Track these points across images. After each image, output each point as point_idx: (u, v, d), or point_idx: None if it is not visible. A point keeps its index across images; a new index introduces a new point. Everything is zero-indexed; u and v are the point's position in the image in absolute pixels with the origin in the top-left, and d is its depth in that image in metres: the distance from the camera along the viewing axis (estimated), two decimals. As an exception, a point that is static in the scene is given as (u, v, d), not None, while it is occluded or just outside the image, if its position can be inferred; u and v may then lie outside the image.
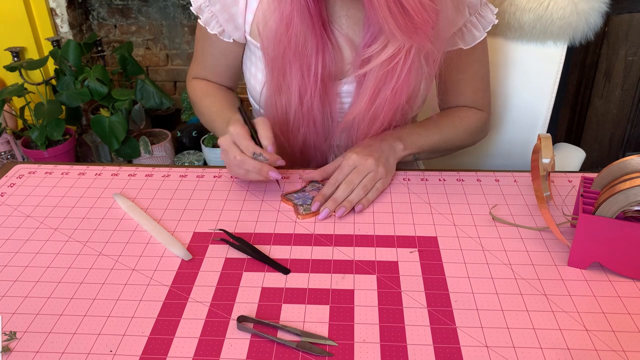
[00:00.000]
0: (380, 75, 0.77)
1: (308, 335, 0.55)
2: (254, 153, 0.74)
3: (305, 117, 0.85)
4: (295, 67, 0.80)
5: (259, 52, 0.86)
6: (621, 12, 1.87)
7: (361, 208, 0.75)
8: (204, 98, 0.94)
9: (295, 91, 0.82)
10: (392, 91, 0.78)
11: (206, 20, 0.87)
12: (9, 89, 1.88)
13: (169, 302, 0.60)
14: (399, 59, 0.75)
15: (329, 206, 0.75)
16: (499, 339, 0.55)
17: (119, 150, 1.97)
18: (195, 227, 0.73)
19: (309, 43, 0.78)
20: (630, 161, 0.65)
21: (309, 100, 0.82)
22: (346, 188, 0.76)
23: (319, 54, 0.79)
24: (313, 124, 0.86)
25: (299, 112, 0.84)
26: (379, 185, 0.78)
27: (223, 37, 0.88)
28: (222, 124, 0.86)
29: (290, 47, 0.78)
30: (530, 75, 1.09)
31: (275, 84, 0.83)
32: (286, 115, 0.85)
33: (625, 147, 2.16)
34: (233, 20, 0.86)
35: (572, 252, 0.65)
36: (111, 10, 2.28)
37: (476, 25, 0.87)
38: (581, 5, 0.99)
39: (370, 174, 0.78)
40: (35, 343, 0.55)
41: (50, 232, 0.72)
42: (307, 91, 0.81)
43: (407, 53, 0.74)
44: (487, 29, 0.87)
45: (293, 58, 0.79)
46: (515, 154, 1.15)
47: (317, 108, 0.83)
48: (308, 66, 0.80)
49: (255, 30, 0.85)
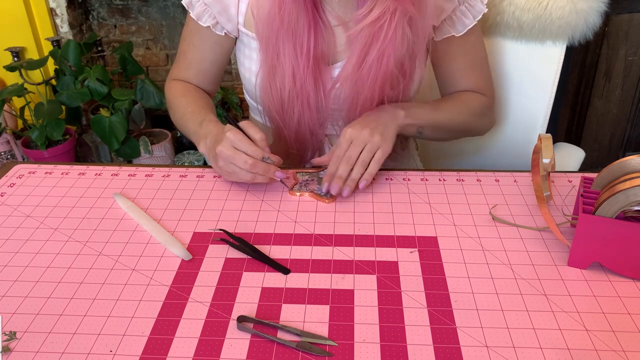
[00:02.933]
0: (367, 35, 0.79)
1: (308, 335, 0.55)
2: (263, 157, 0.75)
3: (299, 96, 0.85)
4: (288, 46, 0.82)
5: (253, 42, 0.88)
6: (621, 12, 1.87)
7: (365, 184, 0.77)
8: (179, 97, 0.93)
9: (289, 70, 0.83)
10: (378, 52, 0.80)
11: (198, 14, 0.88)
12: (9, 89, 1.88)
13: (169, 302, 0.60)
14: (384, 20, 0.78)
15: (337, 183, 0.76)
16: (499, 339, 0.55)
17: (119, 150, 1.97)
18: (195, 227, 0.73)
19: (300, 21, 0.80)
20: (630, 161, 0.65)
21: (302, 77, 0.83)
22: (346, 164, 0.78)
23: (310, 32, 0.81)
24: (307, 104, 0.87)
25: (292, 92, 0.85)
26: (378, 155, 0.79)
27: (216, 29, 0.89)
28: (195, 125, 0.86)
29: (282, 26, 0.80)
30: (529, 75, 1.09)
31: (269, 65, 0.85)
32: (280, 96, 0.86)
33: (625, 147, 2.16)
34: (226, 12, 0.87)
35: (572, 252, 0.65)
36: (111, 10, 2.28)
37: (466, 13, 0.89)
38: (580, 5, 0.99)
39: (367, 146, 0.79)
40: (35, 343, 0.55)
41: (50, 232, 0.72)
42: (300, 68, 0.83)
43: (392, 15, 0.78)
44: (478, 17, 0.90)
45: (286, 37, 0.81)
46: (515, 154, 1.15)
47: (310, 86, 0.85)
48: (301, 44, 0.81)
49: (250, 19, 0.86)
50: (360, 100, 0.85)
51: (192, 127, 0.87)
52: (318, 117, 0.89)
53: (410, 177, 0.84)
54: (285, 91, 0.85)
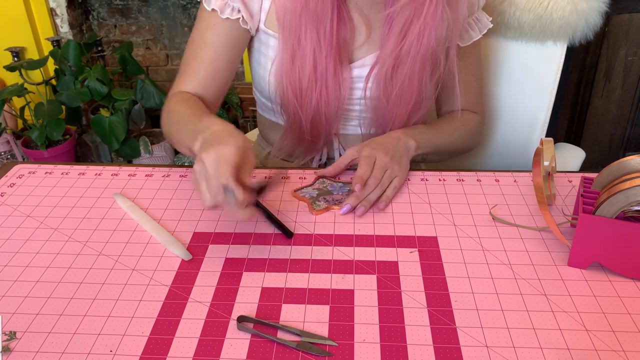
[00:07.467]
0: (408, 12, 0.79)
1: (308, 335, 0.55)
2: (225, 186, 0.60)
3: (319, 82, 0.85)
4: (311, 29, 0.81)
5: (272, 41, 0.87)
6: (621, 12, 1.87)
7: (384, 206, 0.76)
8: (176, 105, 0.82)
9: (310, 54, 0.82)
10: (418, 33, 0.79)
11: (221, 7, 0.84)
12: (9, 89, 1.88)
13: (169, 302, 0.60)
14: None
15: (351, 202, 0.75)
16: (499, 339, 0.55)
17: (119, 150, 1.97)
18: (195, 227, 0.73)
19: (325, 7, 0.80)
20: (630, 161, 0.65)
21: (324, 62, 0.83)
22: (372, 186, 0.77)
23: (333, 19, 0.81)
24: (326, 91, 0.86)
25: (312, 76, 0.84)
26: (395, 182, 0.79)
27: (241, 23, 0.86)
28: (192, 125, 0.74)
29: (307, 9, 0.80)
30: (530, 75, 1.09)
31: (290, 49, 0.84)
32: (299, 79, 0.85)
33: (625, 147, 2.16)
34: (248, 7, 0.85)
35: (572, 252, 0.65)
36: (111, 10, 2.28)
37: (472, 26, 0.90)
38: (581, 5, 0.99)
39: (387, 172, 0.79)
40: (35, 343, 0.55)
41: (50, 232, 0.72)
42: (322, 52, 0.82)
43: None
44: (483, 31, 0.91)
45: (309, 19, 0.81)
46: (515, 154, 1.15)
47: (330, 73, 0.84)
48: (324, 28, 0.81)
49: (272, 19, 0.85)
50: (396, 91, 0.84)
51: (190, 127, 0.74)
52: (335, 106, 0.88)
53: (410, 177, 0.84)
54: (305, 75, 0.84)
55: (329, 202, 0.77)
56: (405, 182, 0.82)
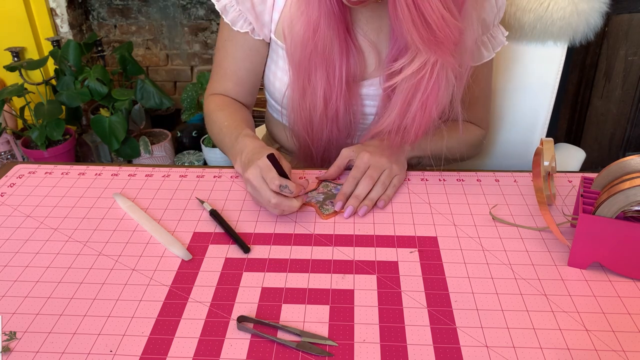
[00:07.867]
0: (408, 87, 0.77)
1: (308, 335, 0.55)
2: (280, 185, 0.70)
3: (330, 120, 0.86)
4: (321, 71, 0.81)
5: (281, 51, 0.87)
6: (621, 12, 1.87)
7: (383, 204, 0.76)
8: (216, 112, 0.90)
9: (321, 95, 0.83)
10: (421, 104, 0.78)
11: (233, 19, 0.86)
12: (9, 89, 1.88)
13: (169, 302, 0.60)
14: (424, 72, 0.75)
15: (352, 203, 0.75)
16: (499, 339, 0.55)
17: (119, 150, 1.97)
18: (195, 227, 0.73)
19: (334, 47, 0.80)
20: (630, 161, 0.65)
21: (334, 104, 0.83)
22: (368, 183, 0.77)
23: (343, 57, 0.81)
24: (336, 126, 0.87)
25: (323, 115, 0.85)
26: (395, 181, 0.79)
27: (253, 35, 0.87)
28: (231, 139, 0.84)
29: (316, 51, 0.79)
30: (530, 75, 1.09)
31: (301, 86, 0.84)
32: (311, 118, 0.86)
33: (625, 147, 2.16)
34: (260, 18, 0.86)
35: (572, 252, 0.65)
36: (111, 10, 2.28)
37: (486, 45, 0.89)
38: (581, 6, 0.99)
39: (386, 171, 0.79)
40: (35, 343, 0.55)
41: (50, 232, 0.72)
42: (333, 95, 0.83)
43: (432, 67, 0.75)
44: (497, 49, 0.90)
45: (319, 62, 0.80)
46: (515, 154, 1.15)
47: (341, 111, 0.85)
48: (333, 69, 0.81)
49: (280, 30, 0.85)
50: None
51: (228, 142, 0.84)
52: (346, 134, 0.90)
53: (410, 177, 0.84)
54: (316, 114, 0.85)
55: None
56: (405, 182, 0.83)
